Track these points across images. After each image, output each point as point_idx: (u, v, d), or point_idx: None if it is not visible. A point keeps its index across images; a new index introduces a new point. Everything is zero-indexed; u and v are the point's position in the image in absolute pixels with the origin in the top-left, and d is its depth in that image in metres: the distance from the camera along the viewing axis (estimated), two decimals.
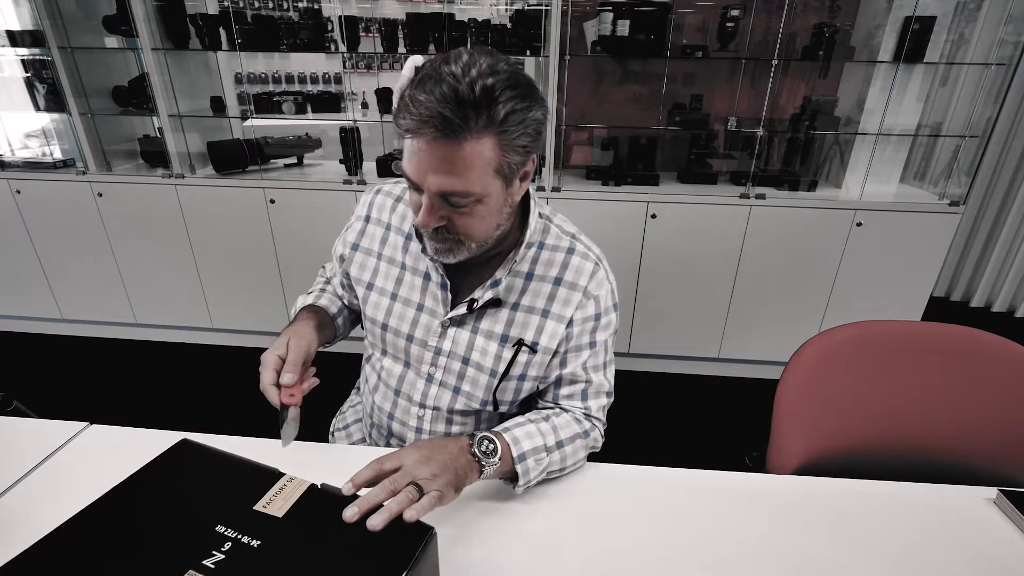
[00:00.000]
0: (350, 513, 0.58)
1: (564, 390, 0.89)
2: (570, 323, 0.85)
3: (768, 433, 0.99)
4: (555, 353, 0.87)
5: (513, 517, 0.77)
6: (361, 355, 1.04)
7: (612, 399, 0.92)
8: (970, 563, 0.72)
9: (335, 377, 1.08)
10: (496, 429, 0.80)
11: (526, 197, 0.85)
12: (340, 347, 1.05)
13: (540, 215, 0.88)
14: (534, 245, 0.86)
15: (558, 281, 0.86)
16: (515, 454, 0.77)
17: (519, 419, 0.85)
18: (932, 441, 1.00)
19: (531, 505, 0.79)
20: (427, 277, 0.88)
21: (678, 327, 2.44)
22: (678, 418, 2.29)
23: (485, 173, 0.69)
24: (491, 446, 0.75)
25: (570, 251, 0.87)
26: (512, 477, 0.79)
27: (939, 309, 3.07)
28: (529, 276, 0.86)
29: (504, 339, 0.86)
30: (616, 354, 2.62)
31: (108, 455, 0.85)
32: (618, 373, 0.80)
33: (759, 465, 1.00)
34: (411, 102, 0.65)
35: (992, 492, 0.83)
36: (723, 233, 2.25)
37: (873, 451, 1.00)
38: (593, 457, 0.89)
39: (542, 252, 0.87)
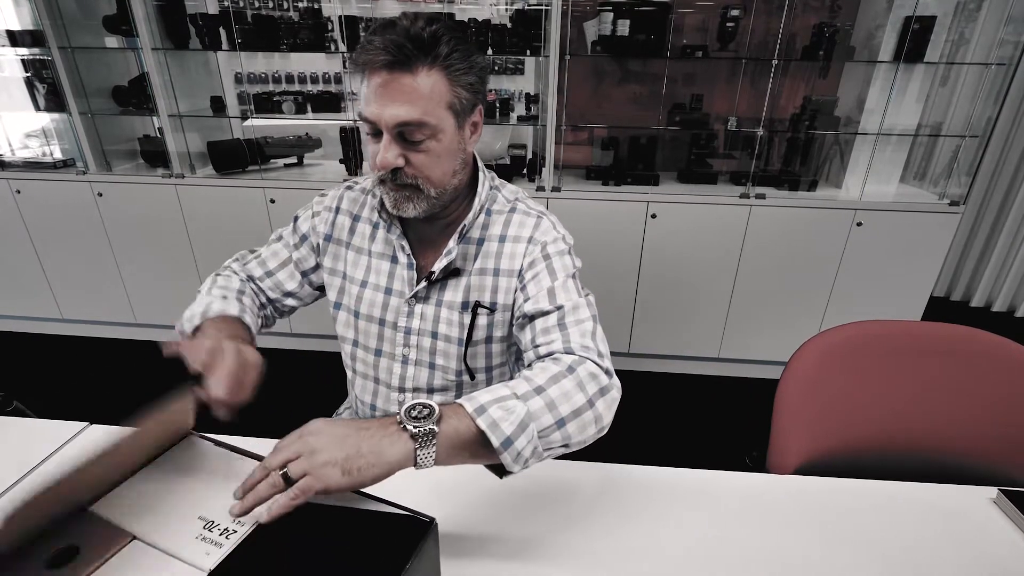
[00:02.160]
0: (236, 508, 0.54)
1: (539, 324, 0.80)
2: (522, 271, 0.87)
3: (768, 433, 0.99)
4: (514, 304, 0.88)
5: (513, 515, 0.77)
6: None
7: (600, 328, 0.81)
8: (970, 563, 0.72)
9: (333, 378, 1.08)
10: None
11: (476, 169, 0.90)
12: (333, 347, 1.04)
13: (491, 186, 0.92)
14: (483, 212, 0.90)
15: (503, 238, 0.89)
16: (470, 409, 0.62)
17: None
18: (932, 441, 0.99)
19: (531, 503, 0.79)
20: (394, 260, 0.91)
21: (678, 327, 2.44)
22: (678, 418, 2.29)
23: (438, 105, 0.75)
24: (424, 411, 0.60)
25: (512, 211, 0.91)
26: (485, 447, 0.61)
27: (939, 309, 3.07)
28: (480, 241, 0.89)
29: (464, 306, 0.89)
30: (616, 354, 2.63)
31: None
32: (618, 373, 0.77)
33: (759, 465, 1.00)
34: (367, 43, 0.73)
35: (992, 492, 0.83)
36: (723, 233, 2.25)
37: (873, 451, 1.00)
38: (593, 457, 0.87)
39: (491, 217, 0.90)
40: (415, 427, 0.58)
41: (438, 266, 0.87)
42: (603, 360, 0.75)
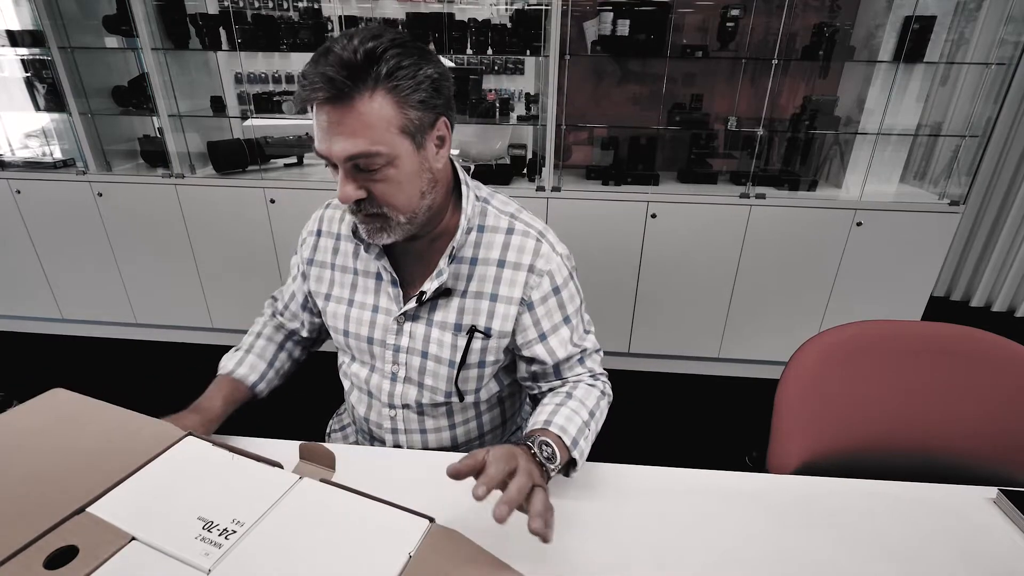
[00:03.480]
0: (500, 512, 0.60)
1: (563, 366, 0.91)
2: (531, 306, 0.85)
3: (768, 433, 0.99)
4: (513, 334, 0.87)
5: (512, 515, 0.76)
6: None
7: (600, 348, 0.96)
8: (970, 563, 0.72)
9: (332, 379, 1.08)
10: (538, 426, 0.80)
11: (458, 181, 0.86)
12: (331, 347, 1.04)
13: (477, 198, 0.87)
14: (474, 229, 0.86)
15: (501, 263, 0.85)
16: (567, 442, 0.78)
17: (547, 406, 0.84)
18: (932, 441, 1.00)
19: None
20: (378, 277, 0.90)
21: (678, 327, 2.44)
22: (678, 418, 2.29)
23: (387, 131, 0.70)
24: (549, 450, 0.75)
25: (509, 231, 0.86)
26: (569, 465, 0.80)
27: (939, 309, 3.07)
28: (473, 261, 0.86)
29: (457, 328, 0.87)
30: (616, 354, 2.63)
31: None
32: (618, 373, 0.80)
33: (759, 465, 1.00)
34: (303, 77, 0.69)
35: (992, 492, 0.83)
36: (723, 233, 2.25)
37: (873, 451, 1.00)
38: (593, 457, 0.88)
39: (483, 235, 0.86)
40: (552, 470, 0.74)
41: (429, 287, 0.84)
42: (605, 375, 0.96)
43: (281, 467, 0.63)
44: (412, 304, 0.86)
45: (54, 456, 0.62)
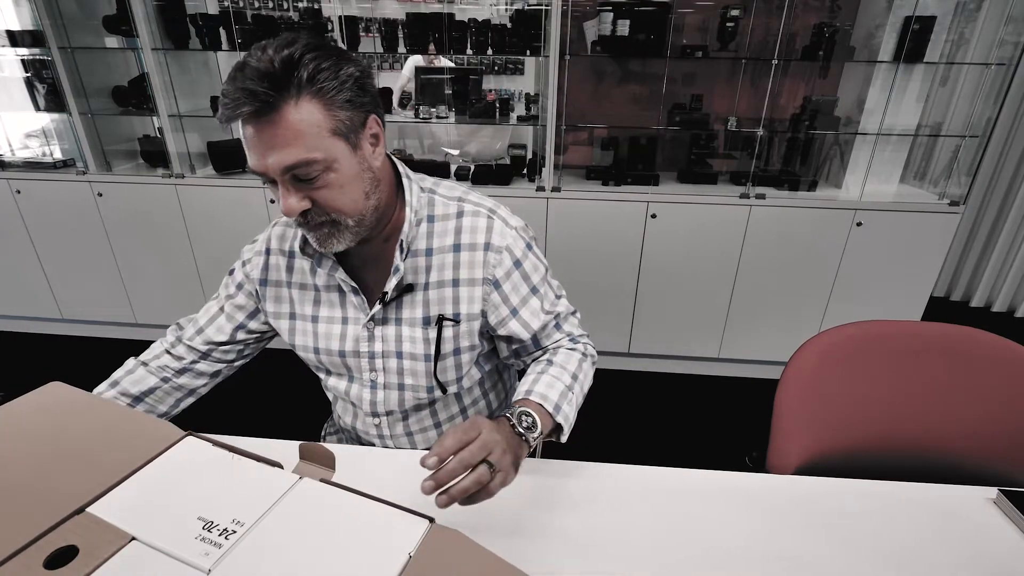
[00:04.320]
0: (427, 486, 0.62)
1: (540, 335, 0.91)
2: (496, 284, 0.85)
3: (768, 433, 0.99)
4: (484, 315, 0.87)
5: (513, 515, 0.77)
6: None
7: (575, 309, 0.96)
8: (970, 563, 0.72)
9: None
10: (519, 396, 0.81)
11: (400, 176, 0.85)
12: None
13: (422, 189, 0.86)
14: (423, 220, 0.85)
15: (457, 247, 0.84)
16: (550, 408, 0.79)
17: (529, 376, 0.85)
18: (932, 441, 0.99)
19: (531, 503, 0.79)
20: (340, 290, 0.88)
21: (678, 327, 2.44)
22: (678, 418, 2.29)
23: (319, 137, 0.68)
24: (529, 419, 0.76)
25: (459, 215, 0.85)
26: (556, 431, 0.81)
27: (939, 309, 3.07)
28: (429, 252, 0.85)
29: (426, 321, 0.86)
30: (616, 354, 2.63)
31: None
32: (618, 373, 0.80)
33: (759, 465, 1.00)
34: (223, 95, 0.67)
35: (992, 492, 0.83)
36: (723, 233, 2.25)
37: (873, 451, 1.00)
38: (593, 457, 0.88)
39: (434, 224, 0.85)
40: (530, 438, 0.75)
41: (389, 286, 0.83)
42: (589, 338, 0.96)
43: (281, 467, 0.63)
44: (377, 307, 0.85)
45: (53, 453, 0.62)
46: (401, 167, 0.85)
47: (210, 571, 0.50)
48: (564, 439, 0.82)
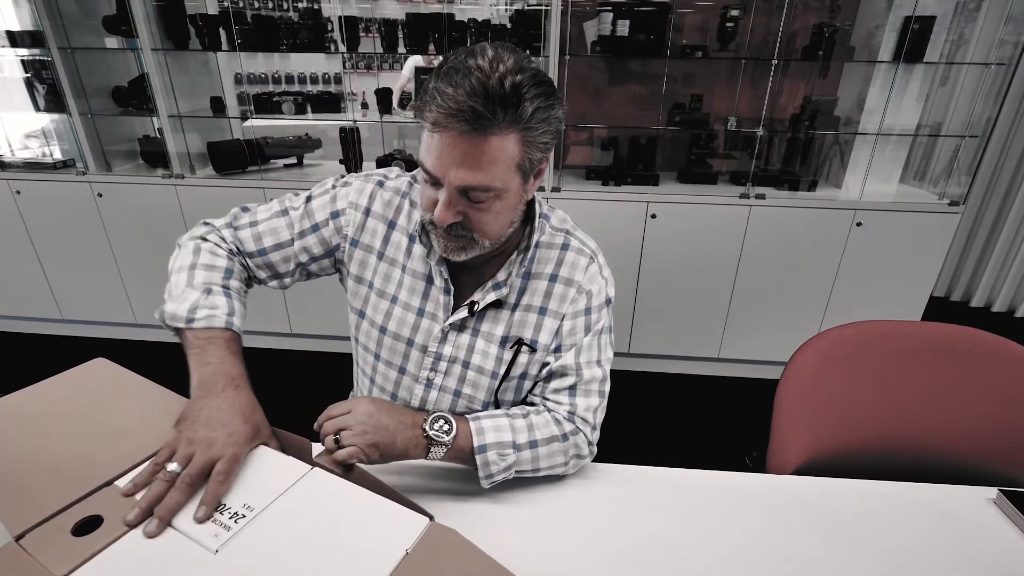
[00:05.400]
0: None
1: (553, 383, 0.86)
2: (563, 317, 0.85)
3: (768, 433, 0.99)
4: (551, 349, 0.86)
5: (511, 515, 0.77)
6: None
7: (605, 403, 0.87)
8: (970, 563, 0.72)
9: (333, 379, 1.07)
10: (467, 416, 0.79)
11: (532, 201, 0.85)
12: (335, 348, 1.04)
13: (539, 215, 0.86)
14: (531, 245, 0.85)
15: (553, 278, 0.85)
16: (475, 444, 0.76)
17: (497, 411, 0.83)
18: (932, 441, 0.99)
19: (530, 502, 0.79)
20: (429, 280, 0.86)
21: (678, 327, 2.44)
22: (678, 418, 2.29)
23: (508, 169, 0.69)
24: (446, 427, 0.75)
25: (564, 247, 0.86)
26: (472, 465, 0.77)
27: (939, 309, 3.07)
28: (526, 275, 0.85)
29: (504, 340, 0.85)
30: (616, 354, 2.61)
31: None
32: (618, 373, 0.79)
33: (759, 465, 1.00)
34: (438, 94, 0.64)
35: (992, 492, 0.83)
36: (723, 233, 2.25)
37: (873, 451, 1.00)
38: (594, 457, 0.88)
39: (539, 251, 0.86)
40: (434, 446, 0.74)
41: (483, 298, 0.83)
42: (593, 434, 0.85)
43: (310, 446, 0.69)
44: (463, 313, 0.84)
45: (90, 426, 0.67)
46: (537, 196, 0.85)
47: (217, 551, 0.53)
48: (484, 483, 0.77)
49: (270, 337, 2.54)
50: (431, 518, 0.59)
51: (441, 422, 0.75)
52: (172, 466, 0.59)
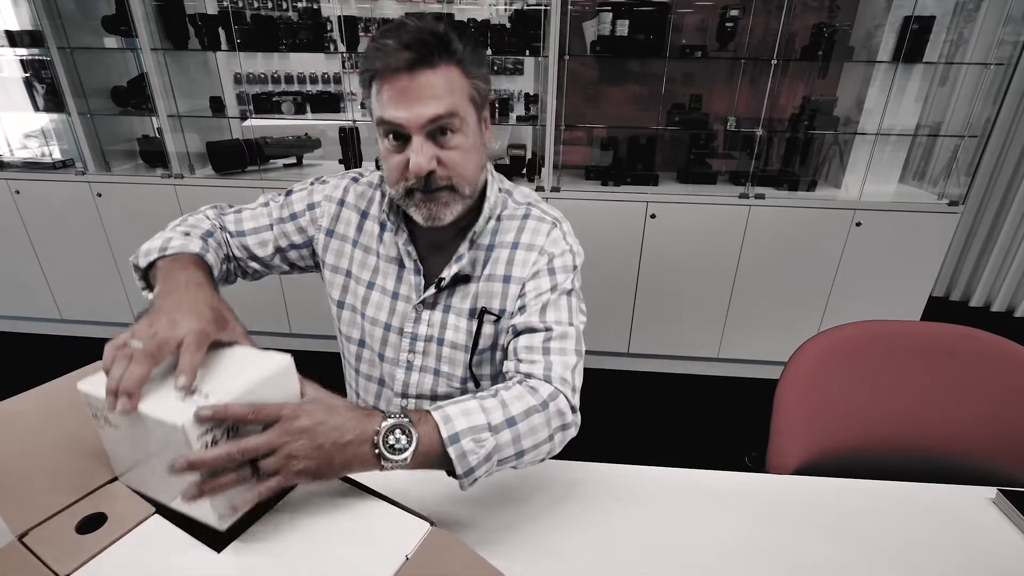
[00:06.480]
0: (180, 462, 0.50)
1: (523, 340, 0.79)
2: (526, 280, 0.85)
3: (768, 433, 0.99)
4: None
5: (510, 515, 0.76)
6: None
7: (582, 364, 0.80)
8: (970, 563, 0.72)
9: (332, 378, 1.07)
10: (428, 408, 0.66)
11: (488, 171, 0.88)
12: (334, 348, 1.04)
13: (500, 189, 0.90)
14: (494, 218, 0.88)
15: (515, 245, 0.87)
16: (445, 435, 0.63)
17: (462, 396, 0.71)
18: (932, 441, 1.00)
19: (530, 504, 0.79)
20: (400, 264, 0.90)
21: (678, 327, 2.44)
22: (678, 418, 2.29)
23: (463, 97, 0.75)
24: (403, 440, 0.61)
25: (526, 217, 0.89)
26: (447, 464, 0.65)
27: (938, 309, 3.07)
28: (490, 247, 0.87)
29: (472, 312, 0.88)
30: (616, 354, 2.62)
31: None
32: (618, 373, 0.78)
33: (759, 465, 1.00)
34: (381, 46, 0.71)
35: (992, 492, 0.83)
36: (722, 233, 2.25)
37: (873, 451, 1.00)
38: (593, 457, 0.88)
39: (501, 223, 0.89)
40: (391, 465, 0.61)
41: (448, 272, 0.86)
42: (574, 396, 0.77)
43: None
44: (431, 290, 0.87)
45: (92, 427, 0.65)
46: (489, 165, 0.89)
47: (220, 552, 0.53)
48: (464, 485, 0.66)
49: (270, 337, 2.54)
50: (432, 523, 0.58)
51: (398, 434, 0.61)
52: (135, 343, 0.56)
